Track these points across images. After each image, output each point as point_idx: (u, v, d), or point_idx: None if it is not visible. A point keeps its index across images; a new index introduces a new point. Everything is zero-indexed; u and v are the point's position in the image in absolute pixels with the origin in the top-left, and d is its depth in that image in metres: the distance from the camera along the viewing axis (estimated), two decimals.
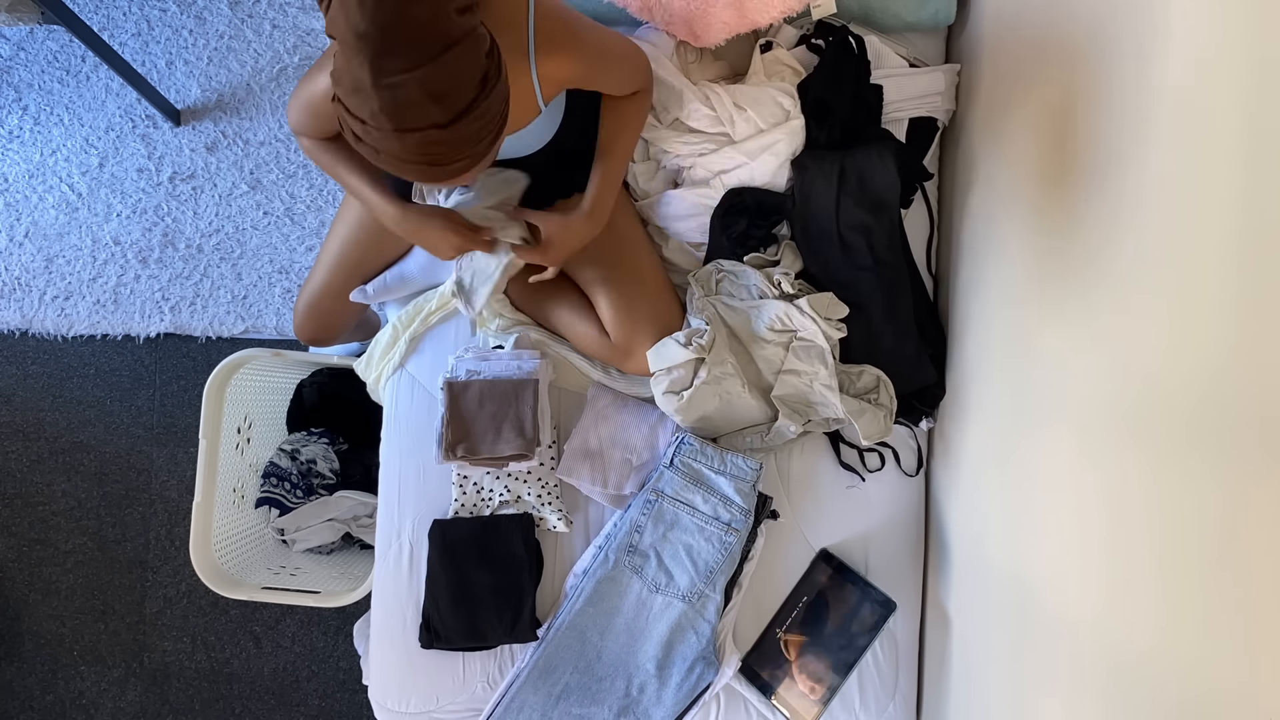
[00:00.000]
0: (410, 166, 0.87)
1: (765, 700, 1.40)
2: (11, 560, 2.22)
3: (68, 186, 2.22)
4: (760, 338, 1.40)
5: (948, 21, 1.47)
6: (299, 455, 1.92)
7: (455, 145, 0.85)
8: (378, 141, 0.84)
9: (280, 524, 1.87)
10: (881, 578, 1.42)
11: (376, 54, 0.78)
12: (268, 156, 2.17)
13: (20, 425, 2.22)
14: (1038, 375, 1.06)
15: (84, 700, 2.20)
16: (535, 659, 1.39)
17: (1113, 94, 0.90)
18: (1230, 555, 0.66)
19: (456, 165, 0.88)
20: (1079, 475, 0.93)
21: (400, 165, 0.87)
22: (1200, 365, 0.71)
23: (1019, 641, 1.08)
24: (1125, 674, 0.81)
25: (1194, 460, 0.71)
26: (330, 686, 2.13)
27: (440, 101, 0.81)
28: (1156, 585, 0.76)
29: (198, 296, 2.16)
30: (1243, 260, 0.66)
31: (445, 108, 0.82)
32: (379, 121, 0.82)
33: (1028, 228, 1.13)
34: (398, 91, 0.80)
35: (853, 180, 1.35)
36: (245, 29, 2.20)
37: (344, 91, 0.83)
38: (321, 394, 2.01)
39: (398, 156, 0.85)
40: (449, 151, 0.85)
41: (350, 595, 1.70)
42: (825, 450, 1.46)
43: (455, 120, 0.83)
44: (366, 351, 1.55)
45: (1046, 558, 1.01)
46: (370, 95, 0.80)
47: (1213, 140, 0.71)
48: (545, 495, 1.45)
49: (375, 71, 0.79)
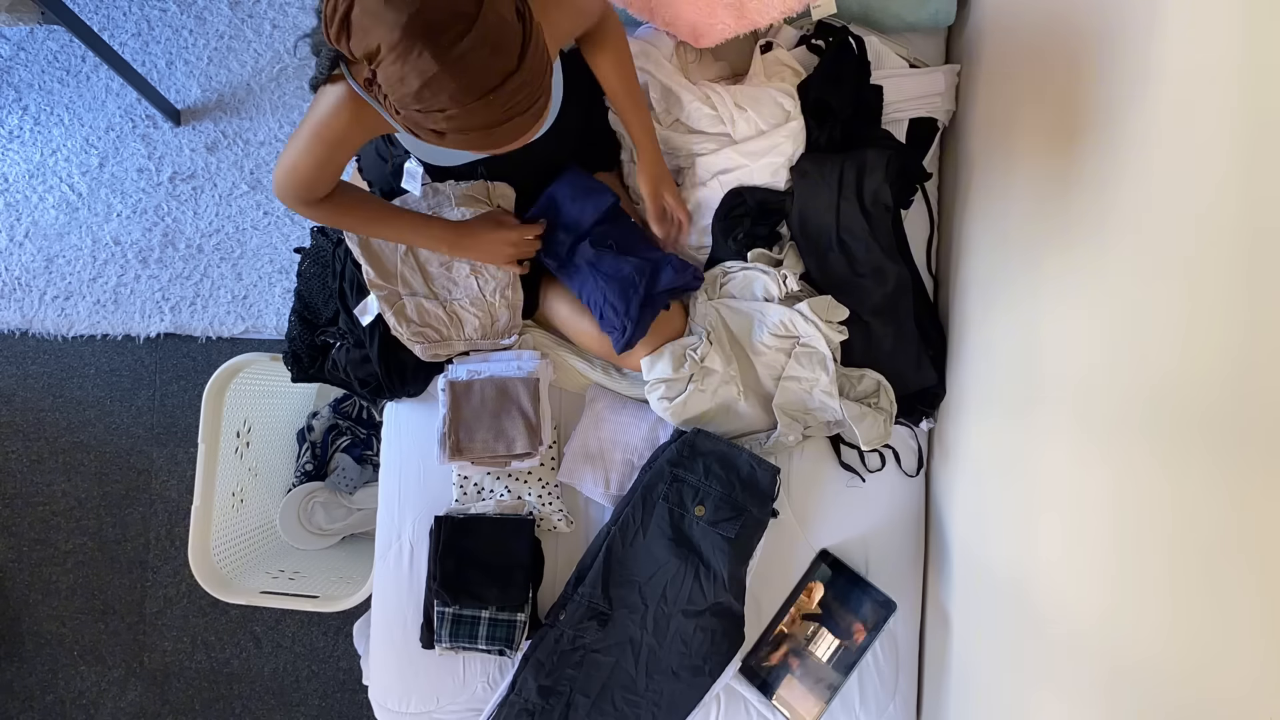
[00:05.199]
0: (502, 129, 0.88)
1: (765, 700, 1.40)
2: (11, 560, 2.22)
3: (68, 186, 2.21)
4: (762, 343, 1.40)
5: (948, 21, 1.47)
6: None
7: (531, 84, 0.86)
8: (466, 121, 0.85)
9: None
10: (881, 578, 1.42)
11: (429, 36, 0.79)
12: (268, 156, 2.17)
13: (20, 425, 2.22)
14: (1039, 376, 1.06)
15: (84, 700, 2.20)
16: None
17: (1113, 93, 0.90)
18: (1237, 557, 0.66)
19: (538, 105, 0.89)
20: (1081, 475, 0.93)
21: (492, 134, 0.88)
22: (1207, 365, 0.71)
23: (1019, 642, 1.08)
24: (1128, 675, 0.81)
25: (1199, 461, 0.71)
26: (330, 686, 2.13)
27: (501, 50, 0.82)
28: (1161, 586, 0.76)
29: (198, 296, 2.16)
30: (1250, 258, 0.66)
31: (508, 53, 0.83)
32: (462, 98, 0.82)
33: (1028, 228, 1.13)
34: (464, 61, 0.80)
35: (851, 184, 1.35)
36: (245, 29, 2.20)
37: (412, 94, 0.82)
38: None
39: (490, 124, 0.86)
40: (530, 92, 0.87)
41: (349, 599, 1.69)
42: (826, 451, 1.46)
43: (522, 59, 0.84)
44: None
45: (1048, 558, 1.01)
46: (443, 78, 0.80)
47: (1215, 140, 0.71)
48: (546, 495, 1.45)
49: (437, 51, 0.79)
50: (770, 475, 1.36)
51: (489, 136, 0.88)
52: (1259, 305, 0.64)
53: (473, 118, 0.85)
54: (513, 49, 0.83)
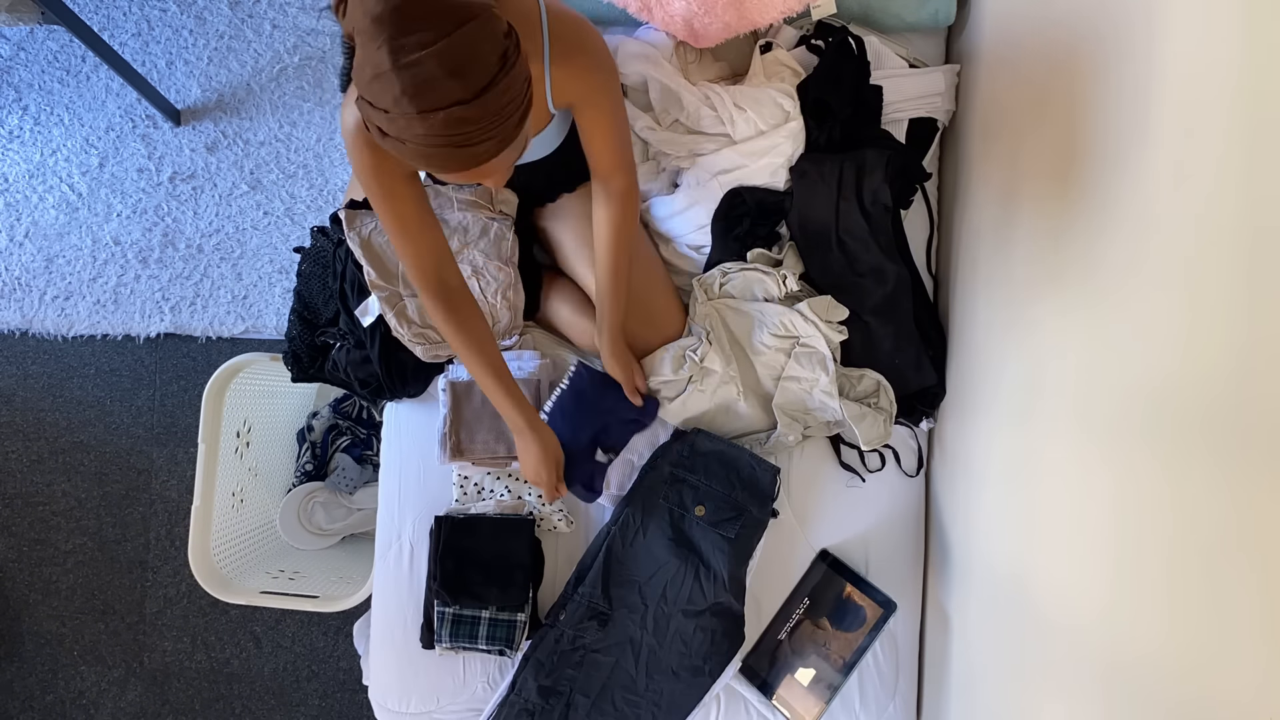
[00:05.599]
0: (437, 151, 0.85)
1: (765, 700, 1.40)
2: (11, 560, 2.22)
3: (68, 186, 2.21)
4: (762, 343, 1.40)
5: (948, 22, 1.47)
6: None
7: (480, 123, 0.83)
8: (402, 129, 0.83)
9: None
10: (881, 578, 1.42)
11: (393, 34, 0.78)
12: (268, 156, 2.17)
13: (20, 425, 2.22)
14: (1039, 375, 1.06)
15: (84, 700, 2.20)
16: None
17: (1113, 93, 0.90)
18: (1237, 557, 0.66)
19: (484, 146, 0.86)
20: (1082, 475, 0.93)
21: (427, 152, 0.85)
22: (1208, 365, 0.71)
23: (1020, 641, 1.08)
24: (1127, 675, 0.81)
25: (1200, 461, 0.71)
26: (330, 686, 2.13)
27: (461, 76, 0.80)
28: (1161, 586, 0.76)
29: (198, 296, 2.16)
30: (1251, 258, 0.66)
31: (467, 83, 0.81)
32: (402, 106, 0.80)
33: (1028, 227, 1.13)
34: (418, 70, 0.79)
35: (851, 184, 1.35)
36: (245, 29, 2.20)
37: (364, 83, 0.82)
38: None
39: (424, 141, 0.83)
40: (475, 130, 0.84)
41: (349, 599, 1.69)
42: (826, 451, 1.46)
43: (478, 95, 0.81)
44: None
45: (1048, 558, 1.01)
46: (391, 79, 0.79)
47: (1217, 139, 0.71)
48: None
49: (394, 52, 0.78)
50: (770, 475, 1.36)
51: (425, 158, 0.86)
52: (1260, 305, 0.64)
53: (410, 129, 0.82)
54: (474, 81, 0.81)
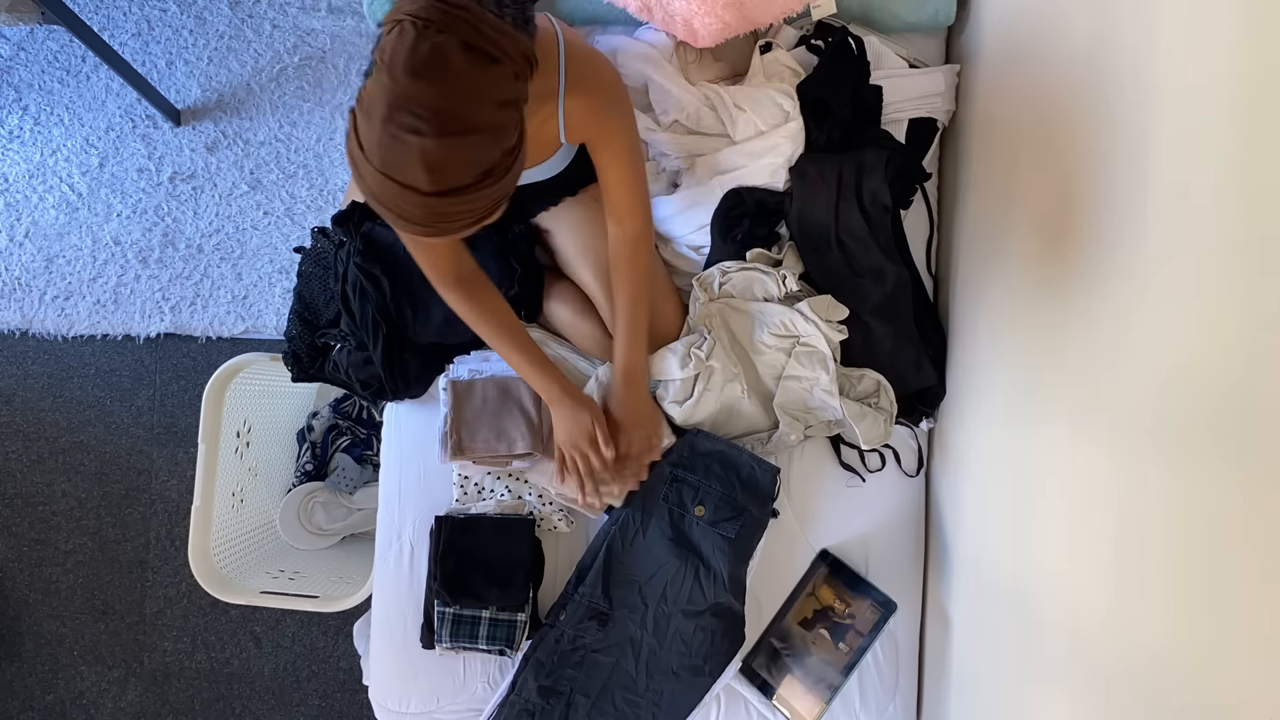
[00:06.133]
0: (381, 207, 0.87)
1: (765, 700, 1.40)
2: (11, 560, 2.22)
3: (68, 186, 2.22)
4: (762, 343, 1.40)
5: (948, 22, 1.47)
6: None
7: (428, 214, 0.85)
8: (363, 167, 0.84)
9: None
10: (881, 578, 1.42)
11: (396, 100, 0.80)
12: (268, 156, 2.17)
13: (20, 425, 2.22)
14: (1040, 375, 1.06)
15: (84, 700, 2.20)
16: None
17: (1113, 92, 0.90)
18: (1242, 556, 0.66)
19: (422, 229, 0.87)
20: (1083, 475, 0.93)
21: (373, 200, 0.87)
22: (1214, 362, 0.71)
23: (1020, 642, 1.08)
24: (1130, 676, 0.81)
25: (1206, 459, 0.71)
26: (330, 686, 2.13)
27: (431, 172, 0.81)
28: (1165, 586, 0.76)
29: (198, 296, 2.16)
30: (1259, 253, 0.66)
31: (433, 180, 0.82)
32: (371, 153, 0.82)
33: (1028, 227, 1.13)
34: (397, 142, 0.80)
35: (851, 184, 1.35)
36: (245, 29, 2.20)
37: (361, 106, 0.84)
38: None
39: (373, 193, 0.85)
40: (421, 215, 0.85)
41: (349, 599, 1.70)
42: (826, 450, 1.46)
43: (438, 195, 0.82)
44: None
45: (1049, 557, 1.01)
46: (376, 127, 0.81)
47: (1217, 135, 0.71)
48: (547, 495, 1.45)
49: (388, 112, 0.80)
50: (770, 475, 1.36)
51: (370, 199, 0.87)
52: (1268, 301, 0.64)
53: (369, 174, 0.84)
54: (441, 183, 0.82)
